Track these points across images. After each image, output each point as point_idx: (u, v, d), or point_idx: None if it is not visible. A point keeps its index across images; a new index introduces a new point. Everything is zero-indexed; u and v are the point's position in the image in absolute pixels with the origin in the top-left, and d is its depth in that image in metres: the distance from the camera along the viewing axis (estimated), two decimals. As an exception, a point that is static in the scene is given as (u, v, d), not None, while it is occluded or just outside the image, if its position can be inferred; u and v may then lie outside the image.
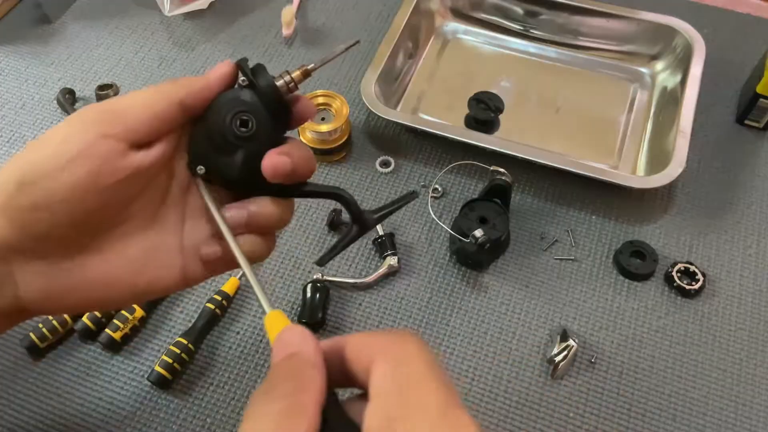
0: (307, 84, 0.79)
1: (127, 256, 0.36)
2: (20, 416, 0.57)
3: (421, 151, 0.73)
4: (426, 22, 0.83)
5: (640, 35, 0.79)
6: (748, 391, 0.58)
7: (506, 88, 0.79)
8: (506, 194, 0.65)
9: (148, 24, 0.86)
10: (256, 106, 0.36)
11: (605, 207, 0.69)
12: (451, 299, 0.63)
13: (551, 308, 0.63)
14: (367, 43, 0.83)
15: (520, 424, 0.57)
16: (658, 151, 0.70)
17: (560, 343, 0.59)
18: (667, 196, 0.70)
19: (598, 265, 0.66)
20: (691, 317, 0.62)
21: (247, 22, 0.87)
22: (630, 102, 0.77)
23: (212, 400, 0.58)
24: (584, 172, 0.66)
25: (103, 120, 0.34)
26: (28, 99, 0.79)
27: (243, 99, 0.36)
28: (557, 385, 0.59)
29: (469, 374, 0.59)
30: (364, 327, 0.62)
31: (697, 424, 0.57)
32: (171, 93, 0.35)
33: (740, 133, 0.75)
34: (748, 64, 0.78)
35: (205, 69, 0.81)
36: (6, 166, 0.33)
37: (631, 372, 0.59)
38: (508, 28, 0.84)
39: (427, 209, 0.68)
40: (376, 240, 0.65)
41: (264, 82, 0.36)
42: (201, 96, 0.36)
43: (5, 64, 0.82)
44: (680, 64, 0.76)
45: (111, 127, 0.33)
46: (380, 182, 0.71)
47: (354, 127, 0.75)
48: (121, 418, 0.57)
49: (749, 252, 0.66)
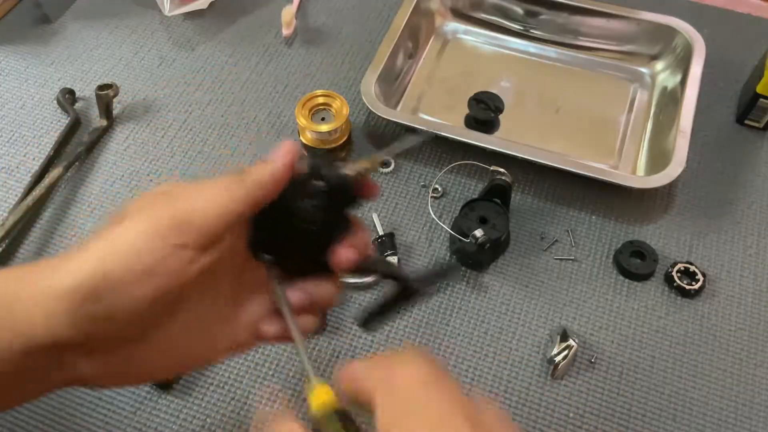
0: (308, 84, 0.80)
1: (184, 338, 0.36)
2: (20, 416, 0.57)
3: (421, 151, 0.73)
4: (426, 22, 0.83)
5: (640, 35, 0.79)
6: (748, 391, 0.58)
7: (506, 88, 0.79)
8: (506, 194, 0.65)
9: (148, 24, 0.86)
10: (329, 200, 0.36)
11: (605, 207, 0.69)
12: (451, 299, 0.63)
13: (551, 308, 0.63)
14: (367, 43, 0.83)
15: (520, 424, 0.57)
16: (658, 151, 0.70)
17: (560, 343, 0.59)
18: (667, 196, 0.70)
19: (598, 265, 0.66)
20: (691, 317, 0.62)
21: (247, 22, 0.87)
22: (630, 102, 0.77)
23: (212, 400, 0.58)
24: (584, 172, 0.66)
25: (178, 230, 0.33)
26: (28, 99, 0.79)
27: (316, 190, 0.35)
28: (557, 385, 0.59)
29: (469, 374, 0.59)
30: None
31: (697, 424, 0.57)
32: (244, 195, 0.34)
33: (740, 133, 0.75)
34: (748, 64, 0.78)
35: (205, 69, 0.81)
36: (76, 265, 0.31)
37: (631, 372, 0.59)
38: (508, 28, 0.83)
39: (427, 209, 0.68)
40: (376, 240, 0.65)
41: (337, 179, 0.36)
42: (270, 190, 0.35)
43: (5, 64, 0.82)
44: (680, 64, 0.76)
45: (185, 238, 0.33)
46: (380, 182, 0.71)
47: (354, 127, 0.75)
48: (121, 418, 0.57)
49: (749, 252, 0.66)
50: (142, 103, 0.78)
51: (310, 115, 0.70)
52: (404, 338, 0.61)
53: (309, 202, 0.36)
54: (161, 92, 0.79)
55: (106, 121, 0.76)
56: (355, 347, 0.61)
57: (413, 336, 0.61)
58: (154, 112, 0.78)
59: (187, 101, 0.79)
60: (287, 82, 0.80)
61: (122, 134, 0.76)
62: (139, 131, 0.76)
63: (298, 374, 0.59)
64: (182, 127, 0.76)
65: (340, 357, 0.60)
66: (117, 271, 0.31)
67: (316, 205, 0.36)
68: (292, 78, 0.81)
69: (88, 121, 0.77)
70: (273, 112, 0.77)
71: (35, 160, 0.73)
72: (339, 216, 0.37)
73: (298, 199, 0.36)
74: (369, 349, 0.60)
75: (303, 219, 0.36)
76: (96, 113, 0.76)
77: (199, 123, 0.76)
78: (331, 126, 0.69)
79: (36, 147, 0.74)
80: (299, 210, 0.36)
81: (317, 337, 0.61)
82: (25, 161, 0.73)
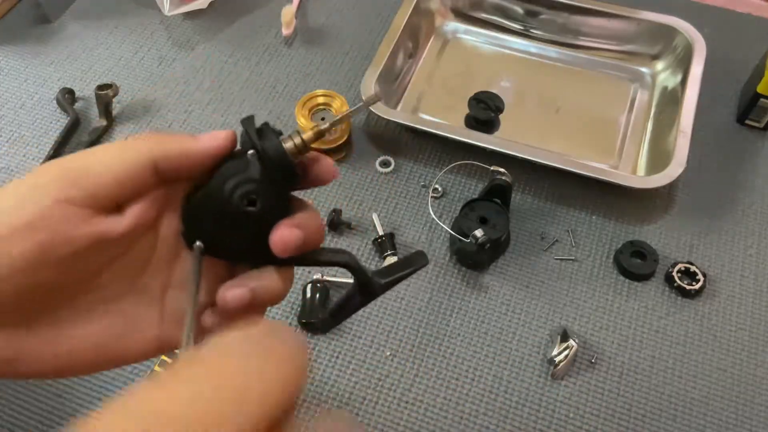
0: (308, 84, 0.80)
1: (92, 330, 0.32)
2: (20, 416, 0.57)
3: (421, 151, 0.73)
4: (426, 22, 0.83)
5: (640, 35, 0.79)
6: (749, 392, 0.58)
7: (506, 88, 0.79)
8: (506, 194, 0.65)
9: (147, 24, 0.86)
10: (264, 181, 0.32)
11: (605, 207, 0.69)
12: (451, 299, 0.63)
13: (551, 308, 0.63)
14: (367, 43, 0.83)
15: (520, 424, 0.57)
16: (659, 151, 0.70)
17: (560, 343, 0.59)
18: (667, 196, 0.70)
19: (598, 266, 0.65)
20: (691, 317, 0.62)
21: (247, 22, 0.86)
22: (630, 102, 0.77)
23: (212, 400, 0.58)
24: (584, 172, 0.66)
25: (63, 181, 0.29)
26: (27, 99, 0.79)
27: (249, 175, 0.32)
28: (557, 385, 0.59)
29: (469, 374, 0.59)
30: (364, 327, 0.62)
31: (698, 424, 0.57)
32: (141, 153, 0.30)
33: (741, 133, 0.75)
34: (749, 64, 0.78)
35: (205, 69, 0.81)
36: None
37: (632, 372, 0.59)
38: (508, 28, 0.83)
39: (427, 209, 0.68)
40: (376, 240, 0.65)
41: (272, 151, 0.32)
42: (179, 164, 0.31)
43: (5, 64, 0.82)
44: (681, 64, 0.76)
45: (71, 190, 0.29)
46: (380, 182, 0.71)
47: (354, 127, 0.75)
48: (120, 418, 0.56)
49: (750, 252, 0.66)
50: (142, 103, 0.78)
51: (310, 115, 0.70)
52: (404, 338, 0.61)
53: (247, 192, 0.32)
54: (161, 92, 0.79)
55: (106, 120, 0.76)
56: (355, 348, 0.60)
57: (413, 336, 0.61)
58: (154, 111, 0.78)
59: (187, 101, 0.78)
60: (287, 82, 0.80)
61: (122, 134, 0.76)
62: (138, 131, 0.76)
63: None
64: (182, 127, 0.76)
65: (339, 358, 0.60)
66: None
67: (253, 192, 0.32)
68: (292, 78, 0.81)
69: (87, 121, 0.77)
70: (273, 112, 0.77)
71: (35, 160, 0.73)
72: (281, 198, 0.33)
73: (235, 189, 0.32)
74: (369, 349, 0.60)
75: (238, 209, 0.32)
76: (96, 113, 0.76)
77: (199, 123, 0.76)
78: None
79: (36, 147, 0.74)
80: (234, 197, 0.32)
81: (317, 338, 0.61)
82: (25, 161, 0.73)
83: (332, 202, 0.70)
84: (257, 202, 0.32)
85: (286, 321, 0.62)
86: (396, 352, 0.60)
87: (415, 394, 0.58)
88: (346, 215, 0.68)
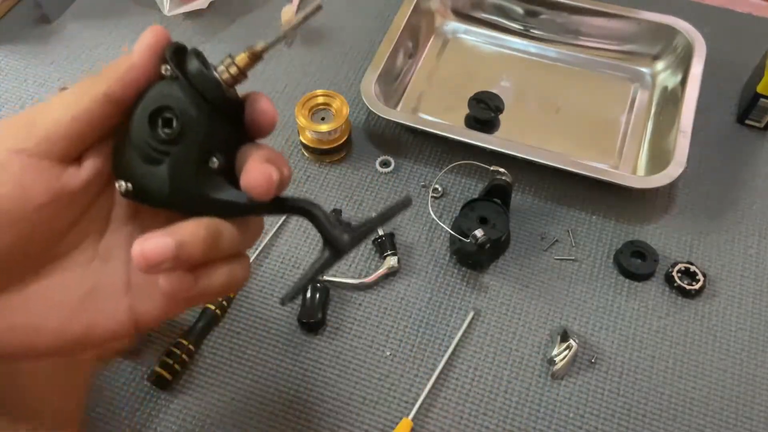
0: (308, 84, 0.79)
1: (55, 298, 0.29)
2: (20, 416, 0.56)
3: (421, 151, 0.73)
4: (426, 22, 0.83)
5: (640, 35, 0.79)
6: (749, 392, 0.58)
7: (506, 88, 0.79)
8: (506, 194, 0.65)
9: (147, 24, 0.86)
10: (181, 100, 0.28)
11: (606, 207, 0.69)
12: (451, 299, 0.63)
13: (551, 308, 0.63)
14: (367, 43, 0.83)
15: (520, 424, 0.57)
16: (659, 151, 0.70)
17: (560, 343, 0.59)
18: (667, 196, 0.70)
19: (598, 266, 0.65)
20: (691, 317, 0.62)
21: (247, 22, 0.86)
22: (630, 102, 0.77)
23: (212, 400, 0.58)
24: (584, 172, 0.66)
25: (15, 131, 0.28)
26: (27, 99, 0.79)
27: (164, 92, 0.28)
28: (557, 385, 0.59)
29: (469, 374, 0.59)
30: (364, 327, 0.62)
31: (698, 424, 0.57)
32: (92, 86, 0.28)
33: (741, 133, 0.75)
34: (749, 64, 0.78)
35: (204, 69, 0.81)
36: None
37: (632, 372, 0.59)
38: (508, 28, 0.83)
39: (427, 209, 0.68)
40: (376, 240, 0.65)
41: (192, 69, 0.29)
42: (129, 80, 0.29)
43: (5, 63, 0.82)
44: (681, 64, 0.76)
45: (24, 140, 0.27)
46: (380, 182, 0.71)
47: (354, 127, 0.75)
48: (121, 418, 0.57)
49: (750, 252, 0.66)
50: (142, 103, 0.78)
51: (310, 115, 0.70)
52: (404, 338, 0.61)
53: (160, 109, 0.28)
54: (161, 92, 0.79)
55: (106, 121, 0.76)
56: (356, 348, 0.60)
57: (413, 336, 0.61)
58: (154, 112, 0.78)
59: (186, 101, 0.78)
60: (287, 82, 0.80)
61: (122, 134, 0.76)
62: (138, 131, 0.76)
63: (299, 376, 0.59)
64: (182, 127, 0.76)
65: (339, 358, 0.60)
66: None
67: (168, 110, 0.28)
68: (292, 78, 0.81)
69: (87, 121, 0.77)
70: (273, 112, 0.77)
71: (35, 160, 0.73)
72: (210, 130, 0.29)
73: (147, 107, 0.28)
74: (369, 349, 0.60)
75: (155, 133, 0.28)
76: (96, 113, 0.76)
77: (199, 123, 0.76)
78: (331, 126, 0.68)
79: (36, 147, 0.74)
80: (148, 119, 0.28)
81: (317, 338, 0.61)
82: (25, 161, 0.73)
83: (332, 202, 0.70)
84: (173, 122, 0.28)
85: (287, 321, 0.62)
86: (396, 352, 0.60)
87: (415, 394, 0.58)
88: (346, 215, 0.68)
